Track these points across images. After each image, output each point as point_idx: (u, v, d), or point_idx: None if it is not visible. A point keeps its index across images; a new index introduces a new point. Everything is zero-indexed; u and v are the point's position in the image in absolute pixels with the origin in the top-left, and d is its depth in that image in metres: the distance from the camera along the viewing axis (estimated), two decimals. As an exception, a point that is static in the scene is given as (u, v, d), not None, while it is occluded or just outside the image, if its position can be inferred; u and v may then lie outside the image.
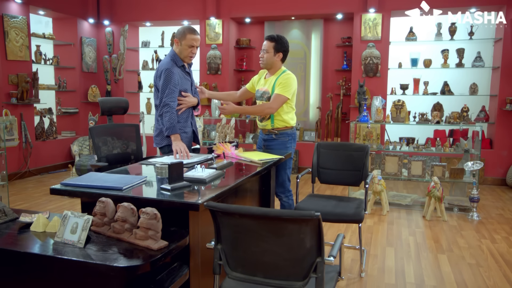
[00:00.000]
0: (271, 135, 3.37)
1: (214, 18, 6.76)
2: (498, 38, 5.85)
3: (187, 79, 3.22)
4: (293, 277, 1.66)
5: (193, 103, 3.25)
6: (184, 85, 3.17)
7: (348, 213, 2.92)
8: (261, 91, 3.37)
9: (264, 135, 3.42)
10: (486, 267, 3.14)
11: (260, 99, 3.38)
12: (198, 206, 1.86)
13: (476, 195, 4.34)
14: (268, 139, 3.40)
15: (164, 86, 3.02)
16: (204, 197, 1.98)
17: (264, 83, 3.37)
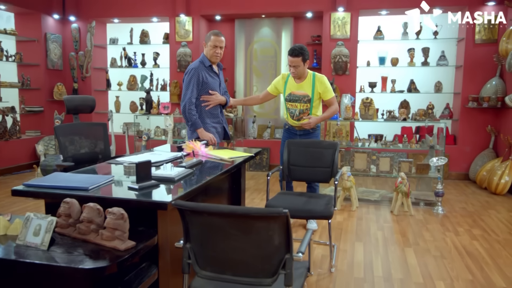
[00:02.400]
0: (308, 130, 3.85)
1: (184, 15, 6.69)
2: (461, 38, 6.05)
3: (214, 78, 3.60)
4: (262, 274, 1.67)
5: (220, 101, 3.62)
6: (212, 84, 3.56)
7: (318, 210, 2.96)
8: (298, 94, 3.77)
9: (299, 131, 3.87)
10: (449, 258, 3.25)
11: (298, 102, 3.78)
12: (166, 205, 1.84)
13: (441, 189, 4.48)
14: (304, 134, 3.86)
15: (187, 84, 3.48)
16: (172, 196, 1.96)
17: (298, 87, 3.77)
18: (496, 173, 5.27)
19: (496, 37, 5.78)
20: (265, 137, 6.73)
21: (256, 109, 7.02)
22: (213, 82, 3.58)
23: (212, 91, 3.57)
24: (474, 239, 3.69)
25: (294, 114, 3.84)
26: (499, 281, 2.87)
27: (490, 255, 3.32)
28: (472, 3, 5.82)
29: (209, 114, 3.61)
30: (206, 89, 3.56)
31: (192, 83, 3.49)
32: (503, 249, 3.45)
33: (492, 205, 4.78)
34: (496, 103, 5.66)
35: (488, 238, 3.70)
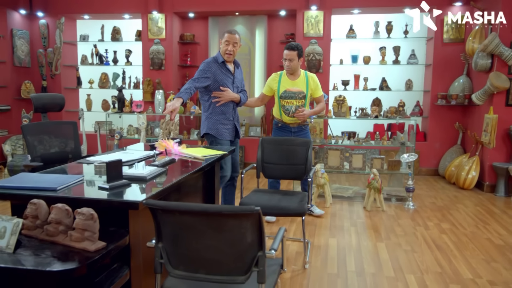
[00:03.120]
0: (301, 126, 4.01)
1: (157, 12, 6.60)
2: (430, 37, 6.20)
3: (226, 75, 3.60)
4: (235, 272, 1.67)
5: (232, 98, 3.61)
6: (223, 80, 3.57)
7: (292, 207, 2.98)
8: (294, 91, 3.91)
9: (294, 128, 3.99)
10: (420, 252, 3.34)
11: (294, 99, 3.90)
12: (137, 205, 1.81)
13: (412, 185, 4.59)
14: (298, 131, 3.99)
15: (197, 72, 3.52)
16: (144, 195, 1.94)
17: (293, 84, 3.93)
18: (463, 168, 5.43)
19: (463, 36, 5.95)
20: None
21: (231, 107, 6.99)
22: (225, 78, 3.58)
23: (223, 87, 3.56)
24: (443, 232, 3.79)
25: (290, 111, 3.92)
26: (466, 272, 2.96)
27: (458, 247, 3.43)
28: (440, 3, 5.97)
29: (220, 110, 3.59)
30: (217, 85, 3.55)
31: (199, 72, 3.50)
32: (470, 242, 3.56)
33: (460, 200, 4.93)
34: (463, 101, 5.83)
35: (456, 232, 3.81)
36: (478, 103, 5.39)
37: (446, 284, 2.80)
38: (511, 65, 5.03)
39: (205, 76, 3.50)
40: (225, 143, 3.61)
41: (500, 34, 5.03)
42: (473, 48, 5.44)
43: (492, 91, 5.11)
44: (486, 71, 5.27)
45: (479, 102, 5.34)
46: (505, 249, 3.40)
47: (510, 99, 5.11)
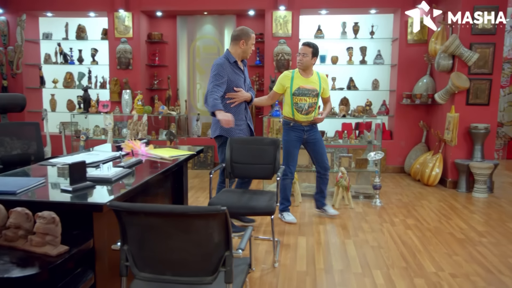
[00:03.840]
0: (312, 125, 4.06)
1: (123, 10, 6.48)
2: (395, 38, 6.36)
3: (239, 75, 3.58)
4: (203, 273, 1.66)
5: (245, 98, 3.59)
6: (237, 80, 3.54)
7: (261, 206, 2.99)
8: (308, 88, 3.95)
9: (306, 127, 4.03)
10: (386, 248, 3.42)
11: (307, 96, 3.95)
12: (101, 207, 1.78)
13: (378, 182, 4.69)
14: (310, 129, 4.06)
15: (212, 77, 3.45)
16: (108, 197, 1.90)
17: (307, 82, 3.96)
18: (428, 165, 5.60)
19: (426, 37, 6.13)
20: (209, 135, 6.69)
21: (200, 107, 6.96)
22: (238, 78, 3.56)
23: (237, 88, 3.54)
24: (408, 228, 3.90)
25: (303, 108, 3.96)
26: (430, 266, 3.06)
27: (422, 242, 3.53)
28: (404, 5, 6.13)
29: (233, 111, 3.54)
30: (231, 86, 3.52)
31: (216, 76, 3.44)
32: (433, 236, 3.68)
33: (424, 196, 5.08)
34: (427, 100, 6.01)
35: (421, 227, 3.93)
36: (440, 102, 5.57)
37: (411, 278, 2.88)
38: (471, 65, 5.22)
39: (224, 80, 3.46)
40: None
41: (461, 36, 5.21)
42: (435, 49, 5.61)
43: (453, 90, 5.30)
44: (447, 71, 5.45)
45: (442, 101, 5.52)
46: (465, 242, 3.54)
47: (471, 98, 5.31)
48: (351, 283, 2.82)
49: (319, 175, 4.19)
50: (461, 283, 2.79)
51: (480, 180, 5.05)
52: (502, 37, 5.23)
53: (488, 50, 5.18)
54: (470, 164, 5.12)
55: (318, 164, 4.13)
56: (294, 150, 4.05)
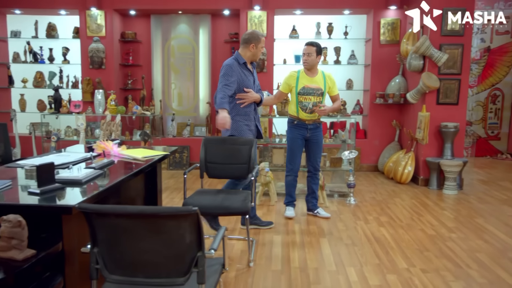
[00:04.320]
0: (316, 123, 4.12)
1: (96, 8, 6.36)
2: (368, 38, 6.46)
3: (248, 76, 3.61)
4: (175, 274, 1.65)
5: (255, 99, 3.63)
6: (246, 81, 3.58)
7: (235, 206, 2.99)
8: (313, 87, 4.01)
9: (310, 125, 4.08)
10: (360, 245, 3.47)
11: (312, 95, 4.02)
12: (70, 209, 1.74)
13: (352, 181, 4.76)
14: (314, 128, 4.11)
15: (221, 77, 3.50)
16: (78, 199, 1.86)
17: (311, 81, 4.02)
18: (400, 164, 5.72)
19: (398, 38, 6.26)
20: (184, 135, 6.64)
21: (175, 107, 6.90)
22: (247, 79, 3.60)
23: (246, 88, 3.58)
24: (382, 225, 3.97)
25: (308, 107, 4.02)
26: (402, 262, 3.12)
27: (394, 239, 3.60)
28: (377, 6, 6.25)
29: (243, 112, 3.60)
30: (240, 87, 3.55)
31: (226, 77, 3.48)
32: (405, 233, 3.76)
33: (397, 194, 5.19)
34: (399, 99, 6.13)
35: (394, 224, 4.00)
36: (412, 102, 5.70)
37: (383, 274, 2.93)
38: (441, 66, 5.36)
39: (233, 80, 3.49)
40: None
41: (431, 37, 5.34)
42: (407, 49, 5.73)
43: (424, 90, 5.42)
44: (419, 71, 5.58)
45: (413, 100, 5.64)
46: (436, 238, 3.63)
47: (441, 98, 5.44)
48: (325, 280, 2.85)
49: (310, 175, 4.29)
50: (431, 278, 2.86)
51: (450, 177, 5.19)
52: (470, 38, 5.39)
53: (457, 51, 5.33)
54: (440, 162, 5.25)
55: (311, 163, 4.23)
56: (297, 148, 4.15)
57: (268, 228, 3.87)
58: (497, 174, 6.39)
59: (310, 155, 4.22)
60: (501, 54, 7.54)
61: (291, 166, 4.18)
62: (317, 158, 4.21)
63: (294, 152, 4.15)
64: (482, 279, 2.85)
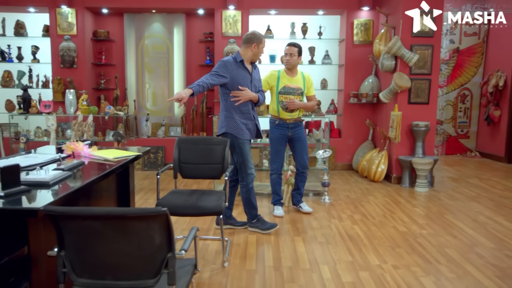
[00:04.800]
0: (297, 122, 4.20)
1: (66, 6, 6.21)
2: (342, 39, 6.54)
3: (244, 74, 3.60)
4: (145, 275, 1.63)
5: (250, 97, 3.62)
6: (241, 79, 3.58)
7: (209, 206, 2.97)
8: (293, 87, 4.12)
9: (291, 124, 4.16)
10: (333, 243, 3.51)
11: (292, 94, 4.11)
12: (36, 212, 1.69)
13: (327, 180, 4.81)
14: (295, 127, 4.18)
15: (213, 69, 3.52)
16: (45, 201, 1.81)
17: (292, 81, 4.13)
18: (374, 162, 5.81)
19: (371, 39, 6.36)
20: (159, 135, 6.57)
21: (150, 107, 6.81)
22: (242, 77, 3.59)
23: (241, 87, 3.56)
24: (355, 223, 4.02)
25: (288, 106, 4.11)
26: (374, 259, 3.17)
27: (367, 237, 3.66)
28: (350, 7, 6.33)
29: (239, 110, 3.60)
30: (235, 84, 3.55)
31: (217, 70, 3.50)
32: (378, 230, 3.82)
33: (371, 192, 5.27)
34: (372, 99, 6.23)
35: (367, 222, 4.06)
36: (385, 101, 5.80)
37: (356, 271, 2.97)
38: (412, 66, 5.47)
39: (220, 74, 3.50)
40: (245, 143, 3.63)
41: (402, 38, 5.45)
42: (379, 50, 5.83)
43: (396, 90, 5.53)
44: (391, 71, 5.68)
45: (386, 100, 5.75)
46: (407, 235, 3.70)
47: (412, 97, 5.56)
48: (299, 279, 2.86)
49: (297, 173, 4.35)
50: (402, 274, 2.92)
51: (421, 175, 5.31)
52: (439, 39, 5.52)
53: (427, 51, 5.45)
54: (412, 160, 5.36)
55: (298, 162, 4.29)
56: (279, 147, 4.21)
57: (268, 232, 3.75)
58: (466, 171, 6.58)
59: (296, 153, 4.29)
60: (470, 55, 7.77)
61: (275, 165, 4.23)
62: (303, 155, 4.27)
63: (277, 152, 4.21)
64: (450, 274, 2.93)
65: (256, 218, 3.79)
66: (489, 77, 7.49)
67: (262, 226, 3.76)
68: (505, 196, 5.05)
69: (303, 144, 4.26)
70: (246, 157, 3.64)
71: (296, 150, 4.28)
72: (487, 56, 7.75)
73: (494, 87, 7.31)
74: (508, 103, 7.14)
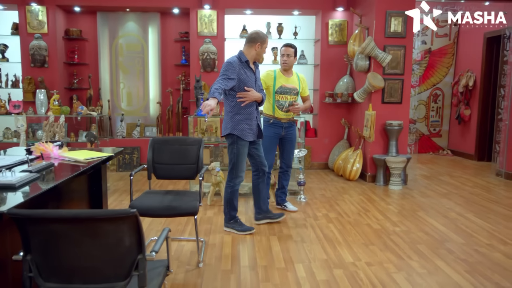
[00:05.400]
0: (291, 122, 4.26)
1: (36, 4, 6.05)
2: (317, 39, 6.60)
3: (249, 75, 3.61)
4: (114, 278, 1.60)
5: (256, 98, 3.63)
6: (246, 80, 3.58)
7: (183, 207, 2.95)
8: (289, 87, 4.16)
9: (285, 123, 4.20)
10: (308, 242, 3.53)
11: (288, 94, 4.17)
12: (0, 215, 1.64)
13: (303, 179, 4.84)
14: (289, 126, 4.25)
15: (222, 72, 3.48)
16: (10, 205, 1.75)
17: (288, 81, 4.18)
18: (349, 161, 5.88)
19: (345, 39, 6.44)
20: (134, 135, 6.48)
21: (124, 107, 6.71)
22: (248, 78, 3.60)
23: (247, 87, 3.57)
24: (330, 222, 4.06)
25: (284, 106, 4.16)
26: (348, 257, 3.21)
27: (342, 235, 3.70)
28: (325, 7, 6.39)
29: (244, 111, 3.60)
30: (241, 85, 3.55)
31: (226, 73, 3.47)
32: (353, 228, 3.87)
33: (346, 190, 5.33)
34: (347, 99, 6.31)
35: (342, 220, 4.11)
36: (359, 101, 5.88)
37: (330, 269, 3.00)
38: (385, 66, 5.57)
39: (231, 77, 3.47)
40: (245, 145, 3.66)
41: (375, 38, 5.53)
42: (353, 50, 5.91)
43: (370, 90, 5.61)
44: (365, 71, 5.76)
45: (360, 100, 5.83)
46: (381, 232, 3.76)
47: (386, 97, 5.66)
48: (274, 278, 2.87)
49: (282, 171, 4.45)
50: (375, 271, 2.96)
51: (395, 173, 5.41)
52: (411, 40, 5.64)
53: (400, 52, 5.56)
54: (386, 158, 5.46)
55: (284, 161, 4.39)
56: (271, 146, 4.22)
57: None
58: (438, 169, 6.74)
59: (284, 152, 4.36)
60: (441, 55, 7.96)
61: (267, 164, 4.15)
62: (290, 155, 4.37)
63: (269, 151, 4.20)
64: (422, 269, 2.99)
65: (234, 219, 3.79)
66: (460, 77, 7.69)
67: (239, 228, 3.76)
68: (475, 193, 5.20)
69: (293, 144, 4.34)
70: (241, 159, 3.67)
71: (285, 150, 4.34)
72: (457, 57, 7.96)
73: (464, 87, 7.52)
74: (478, 102, 7.35)
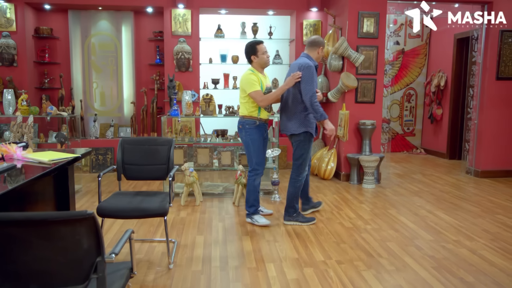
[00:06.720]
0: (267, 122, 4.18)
1: (3, 1, 5.89)
2: (292, 39, 6.63)
3: None
4: (73, 282, 1.57)
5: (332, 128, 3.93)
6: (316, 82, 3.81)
7: (152, 208, 2.91)
8: (268, 86, 4.08)
9: (265, 124, 4.11)
10: (281, 241, 3.54)
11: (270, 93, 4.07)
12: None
13: (277, 178, 4.85)
14: (266, 126, 4.16)
15: (308, 81, 3.69)
16: (-37, 208, 1.70)
17: (267, 80, 4.12)
18: (324, 160, 5.93)
19: (320, 39, 6.47)
20: (108, 136, 6.38)
21: (98, 107, 6.60)
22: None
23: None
24: (303, 221, 4.08)
25: (269, 106, 4.09)
26: (319, 255, 3.23)
27: (314, 233, 3.72)
28: (299, 8, 6.42)
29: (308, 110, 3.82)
30: None
31: (313, 79, 3.70)
32: (325, 227, 3.90)
33: (321, 189, 5.37)
34: (322, 98, 6.33)
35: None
36: (333, 101, 5.93)
37: (301, 267, 3.02)
38: (358, 66, 5.63)
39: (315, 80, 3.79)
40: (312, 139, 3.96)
41: (348, 38, 5.59)
42: (327, 50, 5.96)
43: (344, 89, 5.67)
44: (338, 71, 5.82)
45: (334, 99, 5.88)
46: (353, 230, 3.80)
47: (359, 97, 5.72)
48: (245, 278, 2.87)
49: None
50: (345, 269, 2.99)
51: (368, 172, 5.48)
52: (383, 41, 5.72)
53: (372, 52, 5.63)
54: (359, 157, 5.52)
55: None
56: (262, 148, 4.08)
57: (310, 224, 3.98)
58: (411, 167, 6.86)
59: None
60: (414, 56, 8.11)
61: (262, 167, 4.05)
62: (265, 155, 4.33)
63: (261, 153, 4.03)
64: (390, 267, 3.04)
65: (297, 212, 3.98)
66: (432, 77, 7.85)
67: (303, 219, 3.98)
68: (445, 191, 5.31)
69: (267, 143, 4.30)
70: (310, 154, 3.99)
71: (263, 150, 4.20)
72: (429, 57, 8.12)
73: (436, 87, 7.68)
74: (449, 102, 7.52)
